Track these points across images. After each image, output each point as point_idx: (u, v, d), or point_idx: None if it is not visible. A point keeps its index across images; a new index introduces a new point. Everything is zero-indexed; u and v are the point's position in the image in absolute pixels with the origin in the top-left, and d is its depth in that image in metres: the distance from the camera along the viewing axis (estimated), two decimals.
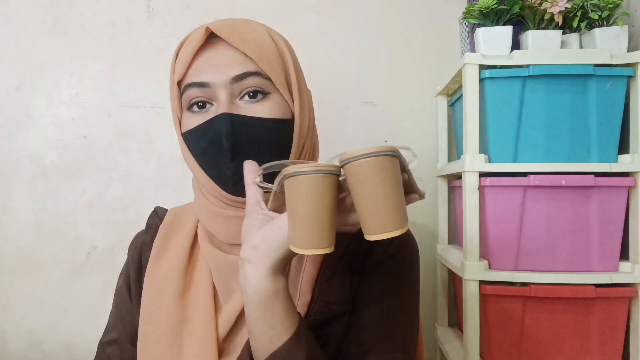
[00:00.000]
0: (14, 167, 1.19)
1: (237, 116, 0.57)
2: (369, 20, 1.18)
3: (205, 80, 0.57)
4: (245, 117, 0.57)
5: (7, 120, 1.19)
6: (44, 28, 1.19)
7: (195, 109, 0.59)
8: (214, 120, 0.57)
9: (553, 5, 0.86)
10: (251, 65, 0.58)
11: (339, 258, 0.60)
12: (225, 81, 0.57)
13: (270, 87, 0.59)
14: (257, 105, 0.58)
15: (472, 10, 0.91)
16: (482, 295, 0.88)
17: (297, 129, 0.62)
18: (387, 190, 0.42)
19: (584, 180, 0.85)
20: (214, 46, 0.59)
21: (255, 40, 0.59)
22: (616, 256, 0.88)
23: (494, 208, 0.88)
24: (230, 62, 0.57)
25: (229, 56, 0.58)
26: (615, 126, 0.88)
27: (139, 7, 1.19)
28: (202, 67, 0.58)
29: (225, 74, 0.57)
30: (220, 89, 0.57)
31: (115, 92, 1.19)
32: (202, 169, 0.60)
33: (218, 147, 0.57)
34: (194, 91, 0.58)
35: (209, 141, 0.58)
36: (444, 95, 1.14)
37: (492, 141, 0.89)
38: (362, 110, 1.18)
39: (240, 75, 0.57)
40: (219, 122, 0.56)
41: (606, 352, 0.87)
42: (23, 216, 1.19)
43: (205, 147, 0.58)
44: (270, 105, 0.59)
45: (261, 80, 0.58)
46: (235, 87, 0.57)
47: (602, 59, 0.86)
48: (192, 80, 0.59)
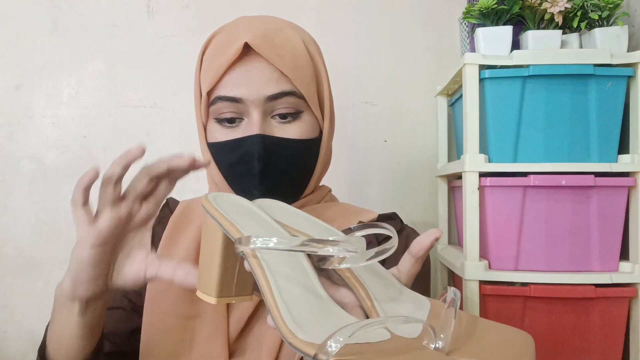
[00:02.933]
0: (14, 167, 1.19)
1: (270, 138, 0.56)
2: (369, 20, 1.18)
3: (238, 96, 0.56)
4: (277, 139, 0.57)
5: (7, 120, 1.19)
6: (44, 28, 1.19)
7: (225, 123, 0.58)
8: (246, 140, 0.56)
9: (553, 5, 0.86)
10: (286, 84, 0.56)
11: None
12: (259, 99, 0.56)
13: (303, 105, 0.58)
14: (289, 126, 0.58)
15: (472, 10, 0.91)
16: (482, 295, 0.88)
17: (324, 146, 0.62)
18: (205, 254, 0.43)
19: (584, 180, 0.85)
20: (249, 59, 0.57)
21: (291, 54, 0.58)
22: (616, 256, 0.88)
23: (494, 208, 0.88)
24: (265, 80, 0.56)
25: (264, 73, 0.56)
26: (615, 126, 0.88)
27: (139, 7, 1.19)
28: (235, 81, 0.57)
29: (259, 91, 0.56)
30: (253, 107, 0.56)
31: (115, 92, 1.19)
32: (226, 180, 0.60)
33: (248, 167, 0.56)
34: (225, 105, 0.57)
35: (238, 159, 0.57)
36: (444, 95, 1.14)
37: (492, 141, 0.89)
38: (362, 110, 1.18)
39: (275, 95, 0.56)
40: (252, 143, 0.56)
41: (606, 352, 0.87)
42: (23, 216, 1.19)
43: (233, 163, 0.58)
44: (300, 125, 0.58)
45: (295, 99, 0.57)
46: (269, 105, 0.56)
47: (602, 59, 0.85)
48: (225, 94, 0.57)
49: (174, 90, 1.19)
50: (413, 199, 1.17)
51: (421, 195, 1.17)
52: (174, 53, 1.19)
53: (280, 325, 0.33)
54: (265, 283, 0.36)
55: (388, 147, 1.17)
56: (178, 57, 1.19)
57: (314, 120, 0.60)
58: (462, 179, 0.89)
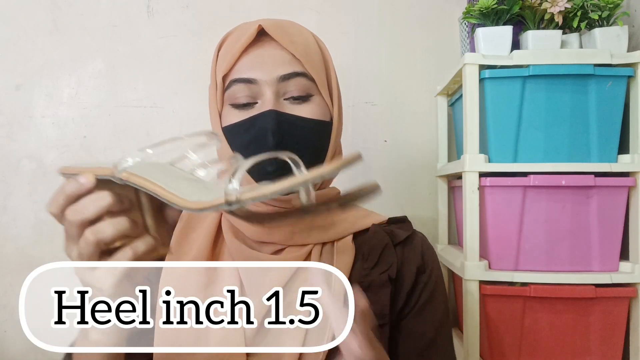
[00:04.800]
0: (14, 167, 1.19)
1: (283, 114, 0.58)
2: (369, 20, 1.18)
3: (252, 76, 0.58)
4: (291, 116, 0.58)
5: (7, 120, 1.19)
6: (44, 28, 1.19)
7: (239, 106, 0.60)
8: (260, 117, 0.57)
9: (553, 5, 0.86)
10: (298, 66, 0.59)
11: (373, 267, 0.60)
12: (272, 79, 0.58)
13: (314, 89, 0.60)
14: (301, 106, 0.59)
15: (472, 10, 0.91)
16: (482, 295, 0.88)
17: (334, 132, 0.63)
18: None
19: (584, 180, 0.85)
20: (262, 44, 0.59)
21: (302, 41, 0.60)
22: (616, 256, 0.88)
23: (494, 208, 0.88)
24: (278, 61, 0.58)
25: (277, 55, 0.59)
26: (615, 126, 0.88)
27: (139, 7, 1.19)
28: (250, 63, 0.59)
29: (272, 72, 0.58)
30: (267, 87, 0.58)
31: (115, 92, 1.19)
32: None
33: (262, 143, 0.57)
34: (239, 87, 0.59)
35: (253, 136, 0.58)
36: (444, 95, 1.14)
37: (492, 141, 0.89)
38: (362, 110, 1.18)
39: (288, 75, 0.58)
40: (266, 118, 0.57)
41: (606, 352, 0.87)
42: (23, 216, 1.19)
43: (248, 142, 0.58)
44: (312, 106, 0.60)
45: (306, 81, 0.59)
46: (281, 86, 0.58)
47: (602, 59, 0.86)
48: (239, 76, 0.59)
49: (174, 90, 1.19)
50: (413, 199, 1.17)
51: (421, 195, 1.17)
52: (174, 53, 1.19)
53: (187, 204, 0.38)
54: (155, 186, 0.40)
55: (388, 147, 1.17)
56: (178, 57, 1.19)
57: (324, 104, 0.62)
58: (462, 179, 0.89)
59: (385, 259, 0.61)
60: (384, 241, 0.62)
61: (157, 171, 0.42)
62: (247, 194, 0.36)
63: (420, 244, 0.65)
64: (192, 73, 1.18)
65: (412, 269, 0.62)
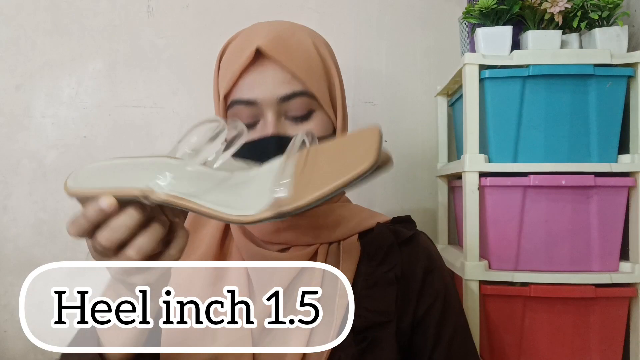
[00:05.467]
0: (14, 167, 1.19)
1: (284, 138, 0.57)
2: (369, 20, 1.18)
3: (253, 97, 0.58)
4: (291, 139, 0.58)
5: (7, 120, 1.19)
6: (44, 28, 1.19)
7: None
8: (261, 142, 0.58)
9: (553, 5, 0.86)
10: (298, 85, 0.59)
11: (378, 265, 0.61)
12: (272, 100, 0.58)
13: (315, 105, 0.61)
14: (302, 125, 0.60)
15: (472, 10, 0.91)
16: (482, 295, 0.88)
17: None
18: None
19: (584, 180, 0.85)
20: (262, 63, 0.59)
21: (302, 56, 0.60)
22: (616, 256, 0.88)
23: (494, 208, 0.88)
24: (278, 81, 0.58)
25: (277, 75, 0.58)
26: (615, 126, 0.88)
27: (139, 7, 1.19)
28: (249, 84, 0.59)
29: (273, 93, 0.58)
30: (268, 108, 0.58)
31: (115, 92, 1.19)
32: None
33: None
34: (240, 108, 0.59)
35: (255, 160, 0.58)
36: (444, 95, 1.14)
37: (492, 141, 0.89)
38: (362, 110, 1.18)
39: (288, 96, 0.58)
40: (266, 143, 0.57)
41: (606, 352, 0.87)
42: (23, 216, 1.19)
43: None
44: (314, 124, 0.60)
45: (307, 99, 0.59)
46: (282, 106, 0.59)
47: (602, 59, 0.85)
48: (240, 97, 0.59)
49: (174, 90, 1.19)
50: (413, 199, 1.17)
51: (421, 195, 1.17)
52: (174, 53, 1.19)
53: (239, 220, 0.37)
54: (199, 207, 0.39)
55: (388, 147, 1.17)
56: (178, 57, 1.19)
57: (326, 118, 0.62)
58: (462, 179, 0.89)
59: (390, 258, 0.61)
60: (388, 240, 0.63)
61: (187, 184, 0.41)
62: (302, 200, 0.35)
63: (425, 243, 0.66)
64: (192, 73, 1.18)
65: (417, 268, 0.62)
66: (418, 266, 0.62)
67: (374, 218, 0.66)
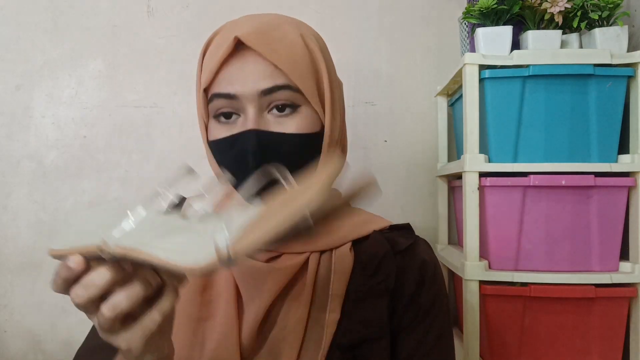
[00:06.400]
0: (14, 167, 1.19)
1: (264, 133, 0.55)
2: (369, 20, 1.18)
3: (232, 92, 0.55)
4: (272, 134, 0.55)
5: (7, 120, 1.19)
6: (44, 28, 1.19)
7: (222, 119, 0.58)
8: (240, 136, 0.55)
9: (553, 5, 0.86)
10: (281, 78, 0.55)
11: (371, 276, 0.58)
12: (253, 94, 0.55)
13: (301, 99, 0.57)
14: (286, 119, 0.56)
15: (472, 10, 0.91)
16: (482, 295, 0.88)
17: (326, 141, 0.60)
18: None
19: (584, 180, 0.85)
20: (243, 54, 0.56)
21: (286, 49, 0.57)
22: (616, 256, 0.88)
23: (494, 208, 0.88)
24: (259, 74, 0.55)
25: (258, 67, 0.55)
26: (615, 126, 0.88)
27: (139, 7, 1.19)
28: (229, 77, 0.56)
29: (253, 86, 0.55)
30: (248, 102, 0.55)
31: (115, 92, 1.19)
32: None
33: (244, 164, 0.55)
34: (220, 102, 0.57)
35: (234, 156, 0.56)
36: (444, 95, 1.14)
37: (492, 141, 0.89)
38: (362, 110, 1.18)
39: (269, 89, 0.55)
40: (246, 139, 0.55)
41: (606, 352, 0.87)
42: (23, 216, 1.19)
43: (231, 159, 0.57)
44: (299, 119, 0.57)
45: (291, 93, 0.56)
46: (264, 100, 0.56)
47: (602, 59, 0.86)
48: (219, 90, 0.57)
49: (174, 90, 1.19)
50: (413, 199, 1.17)
51: (421, 195, 1.17)
52: (174, 53, 1.19)
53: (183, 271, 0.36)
54: (148, 256, 0.37)
55: (388, 147, 1.17)
56: (178, 57, 1.19)
57: (313, 114, 0.59)
58: (462, 179, 0.89)
59: (383, 268, 0.59)
60: (383, 249, 0.60)
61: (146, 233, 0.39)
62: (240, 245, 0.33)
63: (422, 253, 0.62)
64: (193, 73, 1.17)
65: (411, 279, 0.59)
66: (411, 278, 0.59)
67: (369, 224, 0.63)
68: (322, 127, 0.60)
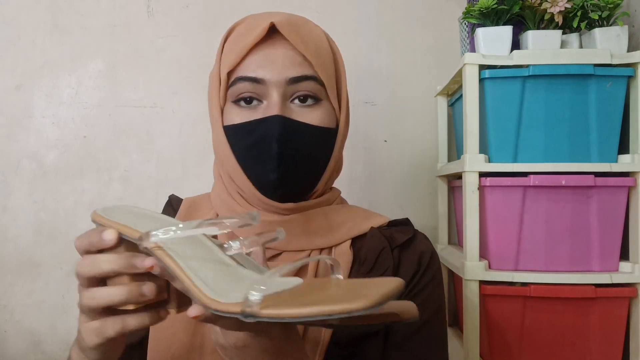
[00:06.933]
0: (14, 167, 1.19)
1: (290, 120, 0.55)
2: (369, 20, 1.18)
3: (260, 76, 0.55)
4: (297, 123, 0.56)
5: (7, 120, 1.19)
6: (44, 28, 1.19)
7: (242, 104, 0.57)
8: (265, 121, 0.55)
9: (553, 5, 0.86)
10: (309, 69, 0.56)
11: (368, 272, 0.59)
12: (280, 81, 0.55)
13: (322, 93, 0.58)
14: (308, 110, 0.57)
15: (472, 10, 0.91)
16: (482, 295, 0.88)
17: (339, 140, 0.61)
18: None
19: (584, 180, 0.85)
20: (273, 42, 0.56)
21: (314, 42, 0.58)
22: (616, 256, 0.88)
23: (494, 208, 0.88)
24: (288, 62, 0.56)
25: (288, 56, 0.56)
26: (615, 126, 0.88)
27: (139, 7, 1.19)
28: (258, 62, 0.56)
29: (282, 73, 0.55)
30: (274, 88, 0.55)
31: (115, 92, 1.19)
32: (240, 166, 0.58)
33: (266, 149, 0.55)
34: (245, 85, 0.56)
35: (256, 140, 0.56)
36: (444, 95, 1.14)
37: (492, 141, 0.89)
38: (362, 110, 1.18)
39: (297, 78, 0.56)
40: (272, 123, 0.54)
41: (606, 352, 0.87)
42: (23, 216, 1.19)
43: (250, 145, 0.56)
44: (320, 112, 0.58)
45: (316, 85, 0.57)
46: (289, 88, 0.56)
47: (602, 59, 0.85)
48: (246, 74, 0.56)
49: (174, 90, 1.19)
50: (413, 199, 1.17)
51: (421, 195, 1.17)
52: (174, 53, 1.19)
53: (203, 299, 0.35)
54: (178, 268, 0.37)
55: (388, 147, 1.17)
56: (178, 57, 1.19)
57: (331, 110, 0.60)
58: (462, 179, 0.89)
59: (381, 264, 0.59)
60: (381, 245, 0.60)
61: (188, 248, 0.40)
62: (268, 310, 0.32)
63: (420, 246, 0.63)
64: (192, 73, 1.18)
65: (409, 271, 0.60)
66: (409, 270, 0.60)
67: (368, 221, 0.64)
68: (337, 125, 0.62)
